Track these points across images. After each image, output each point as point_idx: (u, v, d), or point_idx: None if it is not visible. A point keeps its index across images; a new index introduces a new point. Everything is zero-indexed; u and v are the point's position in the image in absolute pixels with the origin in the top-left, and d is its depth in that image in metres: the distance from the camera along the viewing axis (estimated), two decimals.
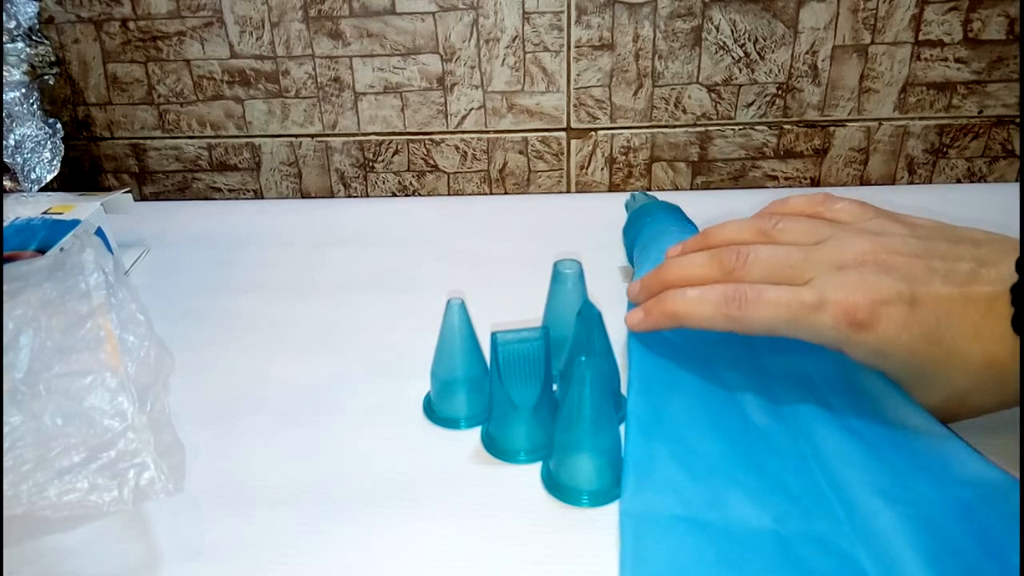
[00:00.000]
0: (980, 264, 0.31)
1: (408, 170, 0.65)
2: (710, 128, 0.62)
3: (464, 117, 0.62)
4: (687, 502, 0.30)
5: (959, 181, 0.63)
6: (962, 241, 0.32)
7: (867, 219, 0.35)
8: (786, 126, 0.61)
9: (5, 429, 0.29)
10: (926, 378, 0.32)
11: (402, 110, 0.62)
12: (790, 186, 0.63)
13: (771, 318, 0.32)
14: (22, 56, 0.58)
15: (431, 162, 0.64)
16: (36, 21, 0.59)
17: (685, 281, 0.35)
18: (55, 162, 0.59)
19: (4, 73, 0.57)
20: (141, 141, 0.65)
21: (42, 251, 0.45)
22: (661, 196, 0.51)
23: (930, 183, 0.63)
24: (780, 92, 0.60)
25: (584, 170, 0.64)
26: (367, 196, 0.66)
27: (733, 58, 0.59)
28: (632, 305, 0.39)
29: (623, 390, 0.37)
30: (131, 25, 0.61)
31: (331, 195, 0.66)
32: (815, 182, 0.63)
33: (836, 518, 0.29)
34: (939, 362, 0.31)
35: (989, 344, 0.30)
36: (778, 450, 0.32)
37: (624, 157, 0.63)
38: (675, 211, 0.48)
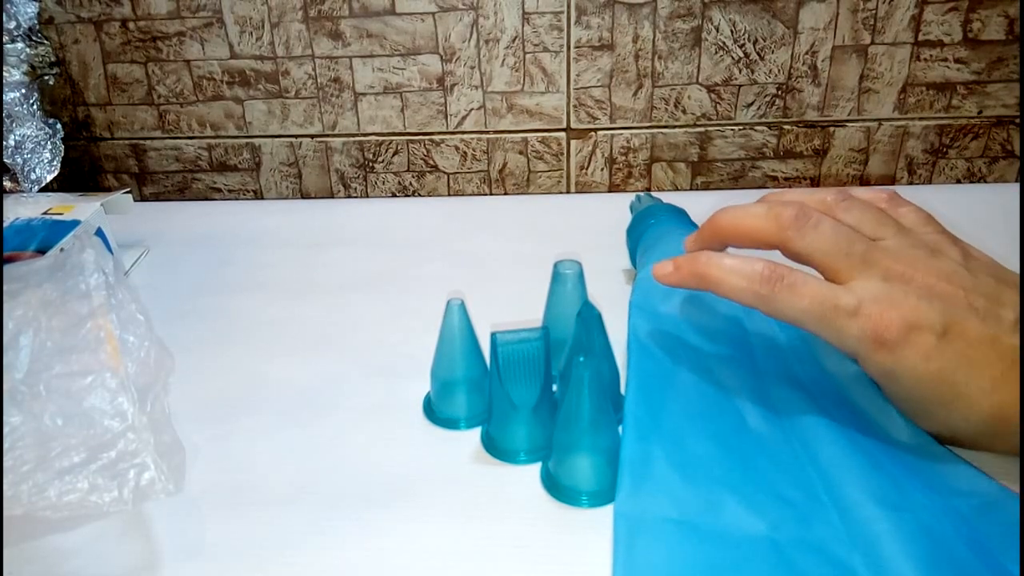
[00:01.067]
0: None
1: (408, 170, 0.65)
2: (710, 128, 0.62)
3: (464, 117, 0.62)
4: (681, 505, 0.29)
5: (959, 181, 0.63)
6: (1010, 285, 0.31)
7: (928, 232, 0.33)
8: (786, 126, 0.61)
9: (5, 429, 0.29)
10: (924, 412, 0.31)
11: (402, 110, 0.62)
12: (790, 186, 0.63)
13: (801, 309, 0.31)
14: (22, 56, 0.58)
15: (431, 162, 0.64)
16: (36, 21, 0.59)
17: (736, 230, 0.34)
18: (55, 162, 0.59)
19: (4, 73, 0.57)
20: (141, 141, 0.65)
21: (42, 251, 0.45)
22: (661, 196, 0.51)
23: (930, 183, 0.63)
24: (780, 92, 0.60)
25: (584, 170, 0.64)
26: (367, 196, 0.66)
27: (733, 58, 0.59)
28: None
29: (623, 391, 0.37)
30: (131, 25, 0.61)
31: (331, 195, 0.66)
32: (815, 182, 0.63)
33: (832, 524, 0.28)
34: (943, 403, 0.30)
35: (1003, 398, 0.29)
36: (775, 455, 0.32)
37: (624, 157, 0.63)
38: (680, 214, 0.48)
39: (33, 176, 0.58)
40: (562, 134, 0.63)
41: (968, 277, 0.31)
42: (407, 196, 0.66)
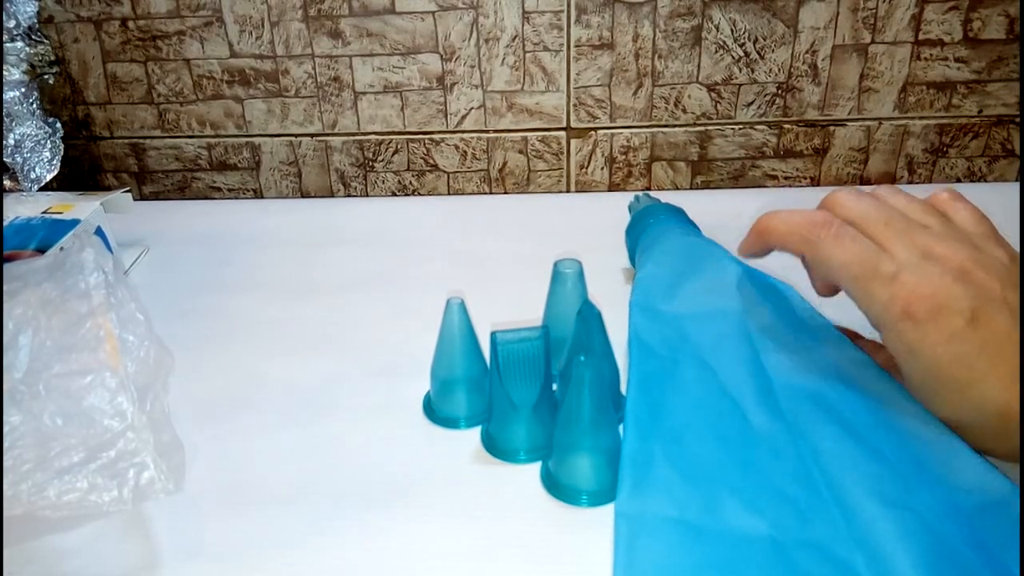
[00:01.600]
0: None
1: (408, 170, 0.65)
2: (710, 128, 0.62)
3: (464, 116, 0.62)
4: (682, 505, 0.29)
5: (959, 181, 0.63)
6: None
7: (978, 231, 0.34)
8: (786, 126, 0.61)
9: (5, 429, 0.29)
10: (936, 395, 0.31)
11: (402, 109, 0.62)
12: (790, 185, 0.63)
13: (841, 262, 0.32)
14: (22, 55, 0.58)
15: (431, 162, 0.64)
16: (36, 20, 0.59)
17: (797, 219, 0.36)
18: (55, 161, 0.59)
19: (4, 72, 0.57)
20: (141, 140, 0.65)
21: (42, 251, 0.44)
22: (661, 196, 0.51)
23: (930, 182, 0.63)
24: (780, 92, 0.60)
25: (584, 170, 0.64)
26: (367, 196, 0.66)
27: (733, 57, 0.59)
28: None
29: (623, 390, 0.37)
30: (131, 24, 0.61)
31: (331, 195, 0.66)
32: (815, 182, 0.63)
33: (834, 524, 0.28)
34: (956, 390, 0.30)
35: (1014, 397, 0.29)
36: (777, 453, 0.32)
37: (624, 157, 0.63)
38: (679, 213, 0.48)
39: (33, 175, 0.58)
40: (562, 133, 0.63)
41: (1007, 273, 0.31)
42: (407, 195, 0.66)
